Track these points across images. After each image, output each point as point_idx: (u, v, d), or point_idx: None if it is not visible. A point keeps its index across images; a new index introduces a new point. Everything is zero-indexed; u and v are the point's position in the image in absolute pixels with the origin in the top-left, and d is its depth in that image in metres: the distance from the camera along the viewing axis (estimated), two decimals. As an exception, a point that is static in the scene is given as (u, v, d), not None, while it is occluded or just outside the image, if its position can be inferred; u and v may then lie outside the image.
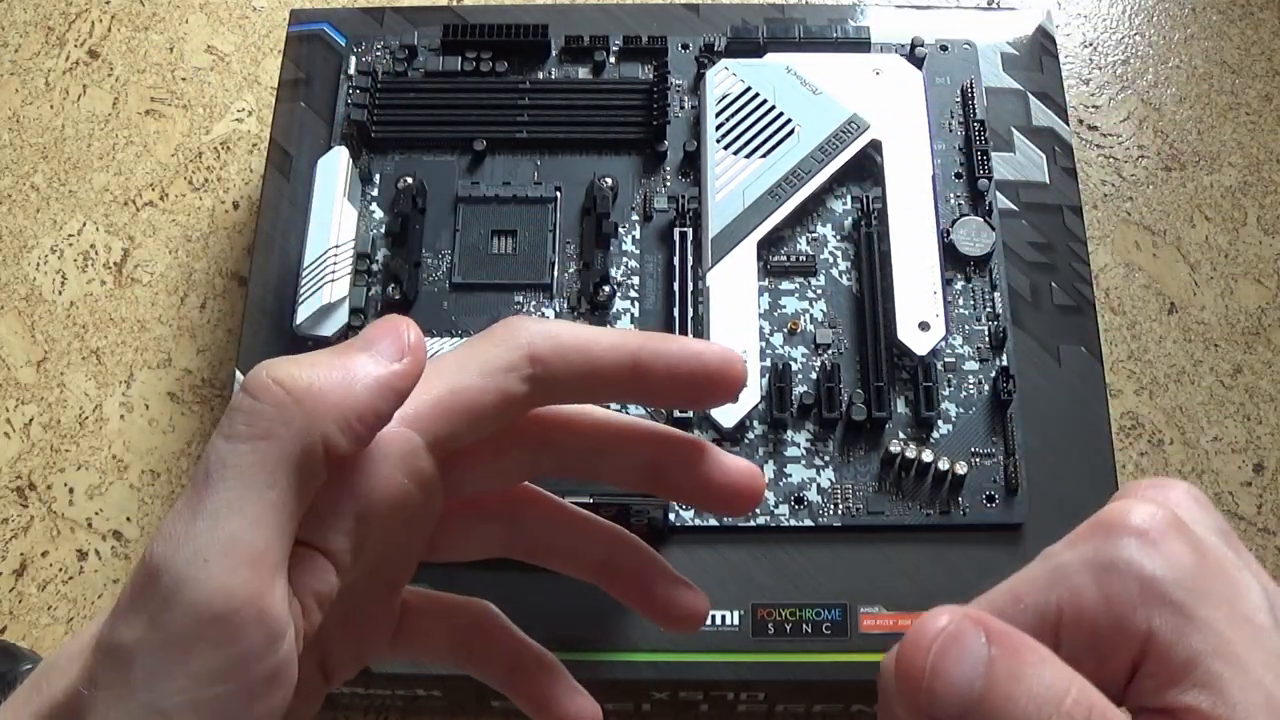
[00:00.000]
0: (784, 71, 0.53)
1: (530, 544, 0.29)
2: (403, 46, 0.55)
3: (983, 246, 0.50)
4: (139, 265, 0.60)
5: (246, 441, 0.21)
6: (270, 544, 0.21)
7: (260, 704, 0.21)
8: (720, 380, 0.26)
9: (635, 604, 0.29)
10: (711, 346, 0.26)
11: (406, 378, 0.23)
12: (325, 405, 0.22)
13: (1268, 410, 0.56)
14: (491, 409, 0.24)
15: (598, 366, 0.25)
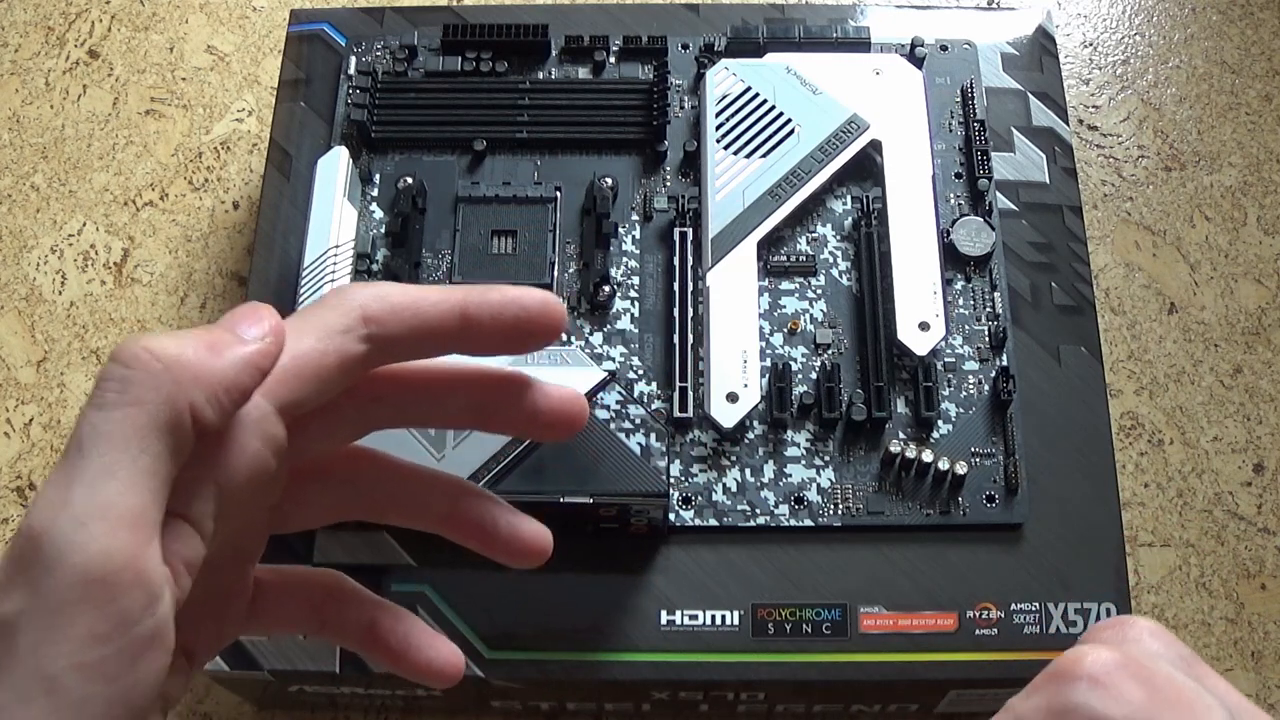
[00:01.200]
0: (784, 71, 0.53)
1: (371, 502, 0.30)
2: (403, 46, 0.55)
3: (983, 246, 0.50)
4: (139, 265, 0.60)
5: (118, 409, 0.22)
6: (145, 507, 0.22)
7: (143, 665, 0.22)
8: (541, 322, 0.28)
9: (480, 546, 0.30)
10: (531, 292, 0.28)
11: (268, 355, 0.24)
12: (193, 375, 0.23)
13: (1268, 410, 0.56)
14: (334, 371, 0.26)
15: (428, 320, 0.27)
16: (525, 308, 0.28)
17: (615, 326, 0.49)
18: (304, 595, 0.30)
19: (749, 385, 0.46)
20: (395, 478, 0.30)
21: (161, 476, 0.23)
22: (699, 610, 0.45)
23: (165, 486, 0.23)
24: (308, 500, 0.29)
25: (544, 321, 0.28)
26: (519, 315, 0.28)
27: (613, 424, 0.47)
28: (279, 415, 0.25)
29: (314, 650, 0.44)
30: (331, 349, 0.26)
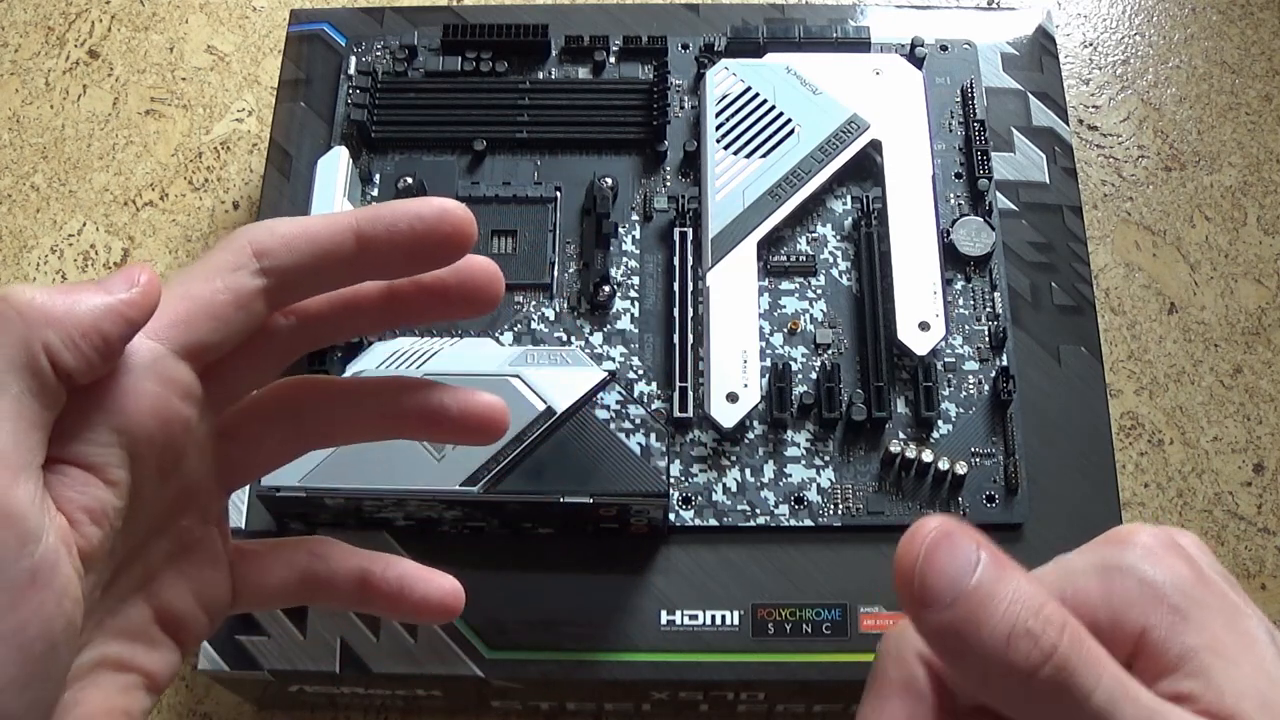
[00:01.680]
0: (784, 71, 0.53)
1: (318, 427, 0.29)
2: (403, 46, 0.55)
3: (983, 246, 0.50)
4: (139, 265, 0.60)
5: None
6: (8, 449, 0.22)
7: (26, 605, 0.22)
8: (441, 231, 0.27)
9: (436, 433, 0.29)
10: (428, 200, 0.27)
11: (133, 306, 0.24)
12: (45, 318, 0.23)
13: (1268, 410, 0.56)
14: (229, 308, 0.26)
15: (321, 245, 0.26)
16: (421, 217, 0.27)
17: (615, 326, 0.49)
18: (291, 562, 0.30)
19: (749, 385, 0.46)
20: (335, 395, 0.29)
21: (27, 418, 0.23)
22: (699, 610, 0.45)
23: (34, 429, 0.23)
24: (256, 443, 0.29)
25: (444, 230, 0.27)
26: (413, 225, 0.27)
27: (613, 424, 0.47)
28: (183, 359, 0.25)
29: (314, 650, 0.44)
30: (223, 286, 0.26)
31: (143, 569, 0.27)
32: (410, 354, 0.46)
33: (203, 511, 0.28)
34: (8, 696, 0.22)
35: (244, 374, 0.28)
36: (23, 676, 0.22)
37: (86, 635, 0.25)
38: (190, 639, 0.28)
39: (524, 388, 0.44)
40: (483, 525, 0.45)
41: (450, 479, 0.42)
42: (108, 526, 0.24)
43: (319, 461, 0.42)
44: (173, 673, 0.27)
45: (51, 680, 0.23)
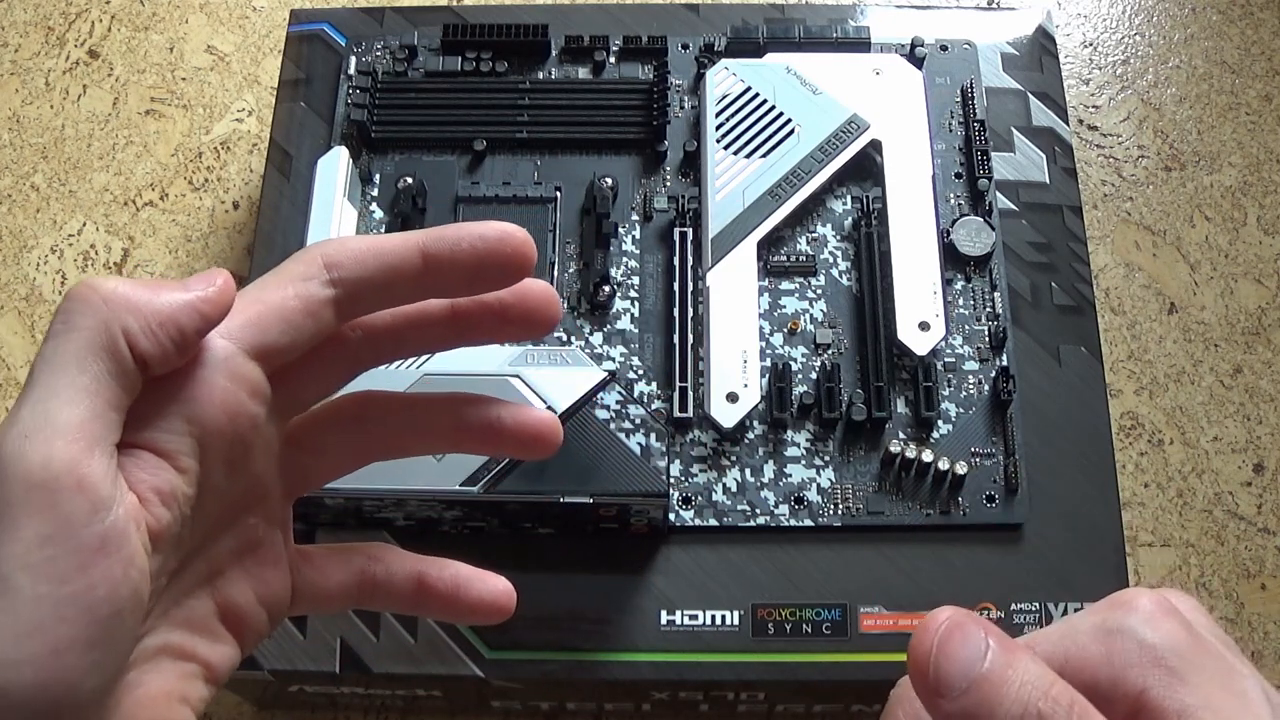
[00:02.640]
0: (784, 71, 0.53)
1: (383, 437, 0.31)
2: (403, 46, 0.55)
3: (983, 246, 0.50)
4: (139, 265, 0.60)
5: (58, 336, 0.24)
6: (85, 421, 0.23)
7: (96, 570, 0.23)
8: (501, 253, 0.28)
9: (494, 447, 0.31)
10: (490, 224, 0.29)
11: (209, 303, 0.26)
12: (126, 305, 0.24)
13: (1268, 410, 0.56)
14: (299, 314, 0.27)
15: (388, 261, 0.28)
16: (483, 238, 0.28)
17: (615, 326, 0.49)
18: (349, 565, 0.31)
19: (749, 385, 0.46)
20: (399, 408, 0.31)
21: (104, 397, 0.24)
22: (699, 610, 0.45)
23: (111, 408, 0.24)
24: (321, 451, 0.30)
25: (505, 251, 0.29)
26: (476, 247, 0.28)
27: (613, 424, 0.47)
28: (253, 359, 0.27)
29: (314, 650, 0.44)
30: (294, 294, 0.27)
31: (208, 563, 0.28)
32: (410, 354, 0.46)
33: (268, 513, 0.29)
34: (72, 656, 0.23)
35: (312, 383, 0.29)
36: (86, 637, 0.23)
37: (152, 622, 0.26)
38: (250, 636, 0.29)
39: (524, 388, 0.44)
40: (483, 525, 0.45)
41: (450, 479, 0.42)
42: (176, 510, 0.25)
43: (319, 461, 0.42)
44: (231, 667, 0.28)
45: (115, 648, 0.24)
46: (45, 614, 0.22)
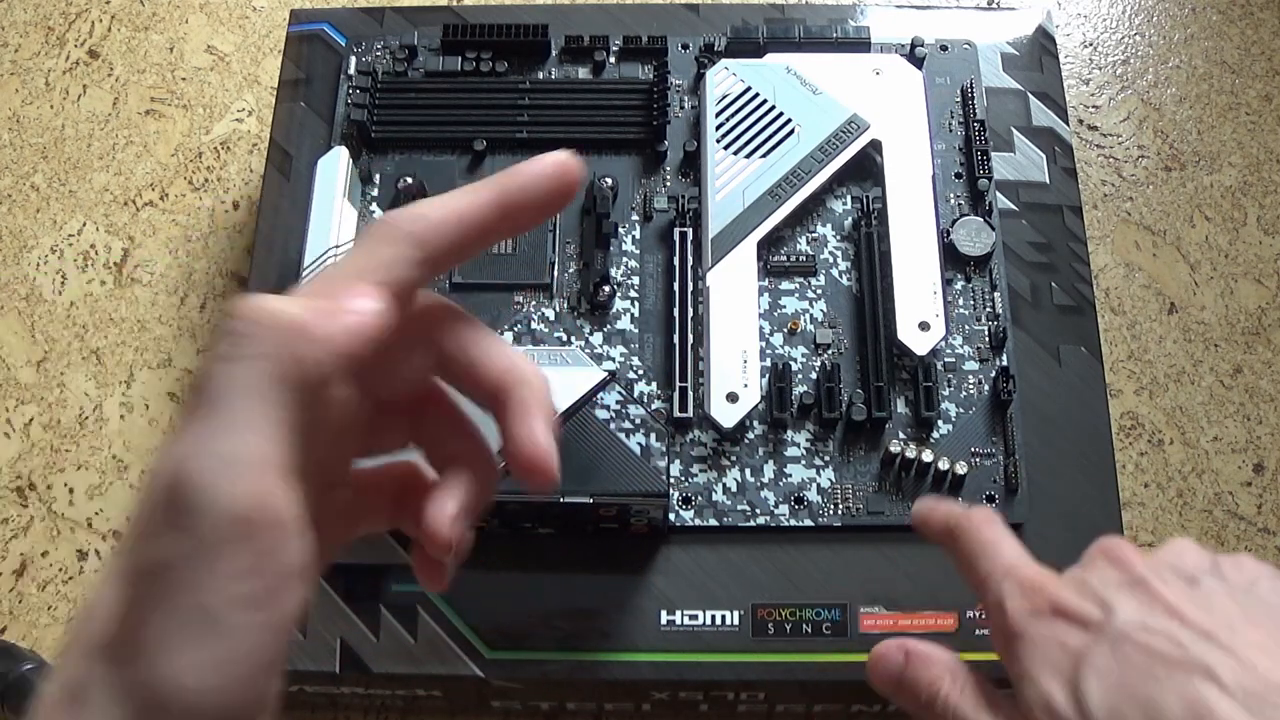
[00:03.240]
0: (784, 71, 0.53)
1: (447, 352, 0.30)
2: (403, 46, 0.55)
3: (983, 246, 0.50)
4: (139, 265, 0.60)
5: (243, 362, 0.24)
6: (277, 453, 0.24)
7: (287, 595, 0.24)
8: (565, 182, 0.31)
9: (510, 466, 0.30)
10: (547, 160, 0.31)
11: (371, 327, 0.26)
12: (302, 332, 0.25)
13: (1268, 410, 0.56)
14: (395, 303, 0.27)
15: (470, 225, 0.28)
16: (547, 176, 0.31)
17: (615, 326, 0.49)
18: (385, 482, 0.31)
19: (749, 385, 0.46)
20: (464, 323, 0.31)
21: (291, 426, 0.24)
22: (699, 610, 0.45)
23: (297, 436, 0.25)
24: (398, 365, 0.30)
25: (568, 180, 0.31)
26: (544, 186, 0.30)
27: (613, 424, 0.47)
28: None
29: (314, 650, 0.44)
30: (391, 281, 0.27)
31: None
32: (410, 354, 0.46)
33: (337, 480, 0.29)
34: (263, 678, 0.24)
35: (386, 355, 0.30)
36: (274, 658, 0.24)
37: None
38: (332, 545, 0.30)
39: (524, 388, 0.44)
40: (483, 525, 0.45)
41: (450, 479, 0.42)
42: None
43: (319, 461, 0.42)
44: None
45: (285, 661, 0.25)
46: (244, 641, 0.23)
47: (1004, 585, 0.33)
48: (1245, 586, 0.31)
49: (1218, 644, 0.29)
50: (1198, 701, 0.27)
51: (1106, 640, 0.30)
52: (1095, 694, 0.29)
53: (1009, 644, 0.32)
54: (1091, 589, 0.31)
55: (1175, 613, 0.30)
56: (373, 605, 0.45)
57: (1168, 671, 0.28)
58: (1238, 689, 0.27)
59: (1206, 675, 0.28)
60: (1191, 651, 0.29)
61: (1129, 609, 0.30)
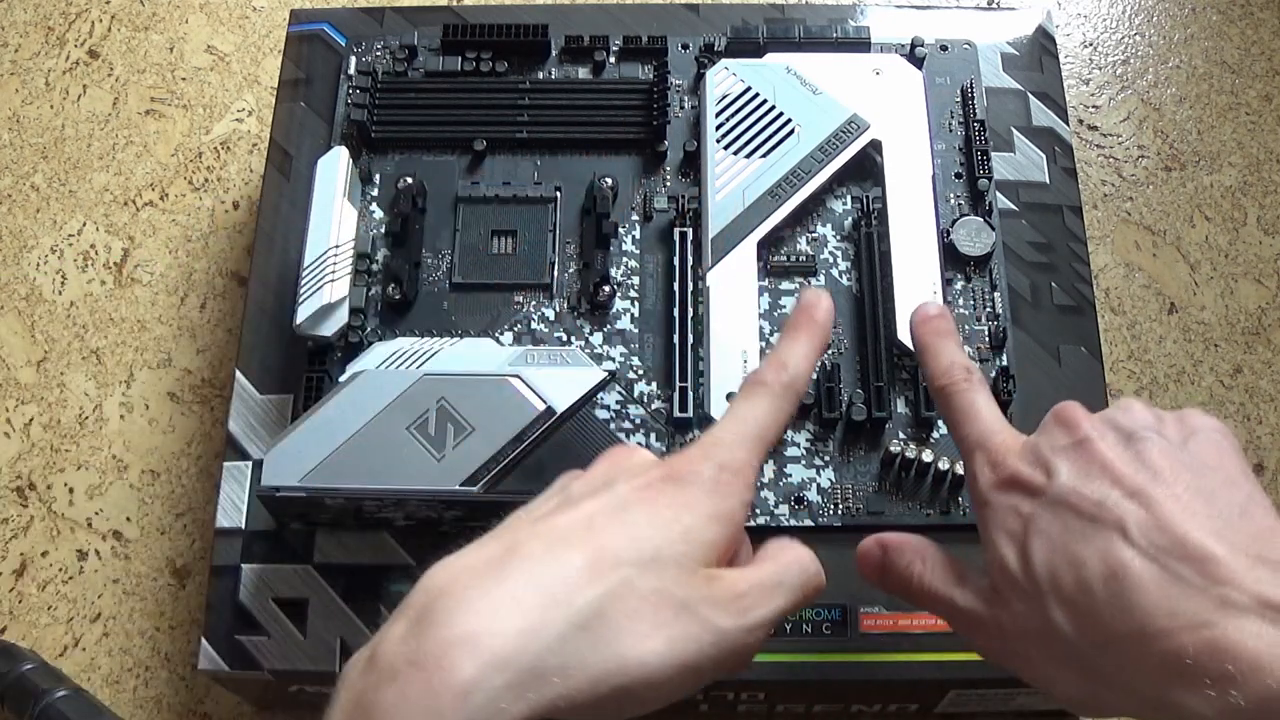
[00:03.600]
0: (784, 71, 0.53)
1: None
2: (403, 46, 0.55)
3: (983, 246, 0.50)
4: (139, 265, 0.60)
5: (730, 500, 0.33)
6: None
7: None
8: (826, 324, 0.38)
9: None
10: (804, 313, 0.38)
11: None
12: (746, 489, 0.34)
13: (1268, 410, 0.56)
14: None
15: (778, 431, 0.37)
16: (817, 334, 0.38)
17: (615, 326, 0.49)
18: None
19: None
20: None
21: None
22: (699, 610, 0.45)
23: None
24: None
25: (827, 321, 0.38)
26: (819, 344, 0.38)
27: (613, 424, 0.47)
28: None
29: (314, 650, 0.44)
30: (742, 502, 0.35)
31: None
32: (411, 354, 0.46)
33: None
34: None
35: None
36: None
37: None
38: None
39: (524, 388, 0.44)
40: (483, 525, 0.45)
41: (450, 479, 0.42)
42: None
43: (319, 461, 0.42)
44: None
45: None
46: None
47: (975, 458, 0.36)
48: (1180, 442, 0.33)
49: (1139, 500, 0.31)
50: (1111, 557, 0.30)
51: (1048, 504, 0.33)
52: (1039, 555, 0.32)
53: (980, 512, 0.35)
54: (1041, 455, 0.34)
55: (1108, 470, 0.32)
56: (373, 605, 0.45)
57: (1093, 530, 0.31)
58: (1147, 543, 0.30)
59: (1120, 531, 0.30)
60: (1112, 510, 0.31)
61: (1067, 471, 0.33)
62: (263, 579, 0.45)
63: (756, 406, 0.35)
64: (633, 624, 0.29)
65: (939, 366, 0.39)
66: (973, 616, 0.34)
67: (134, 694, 0.51)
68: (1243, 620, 0.28)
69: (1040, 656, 0.32)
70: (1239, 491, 0.31)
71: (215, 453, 0.55)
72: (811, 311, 0.38)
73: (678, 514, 0.32)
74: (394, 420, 0.43)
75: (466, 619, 0.28)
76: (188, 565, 0.53)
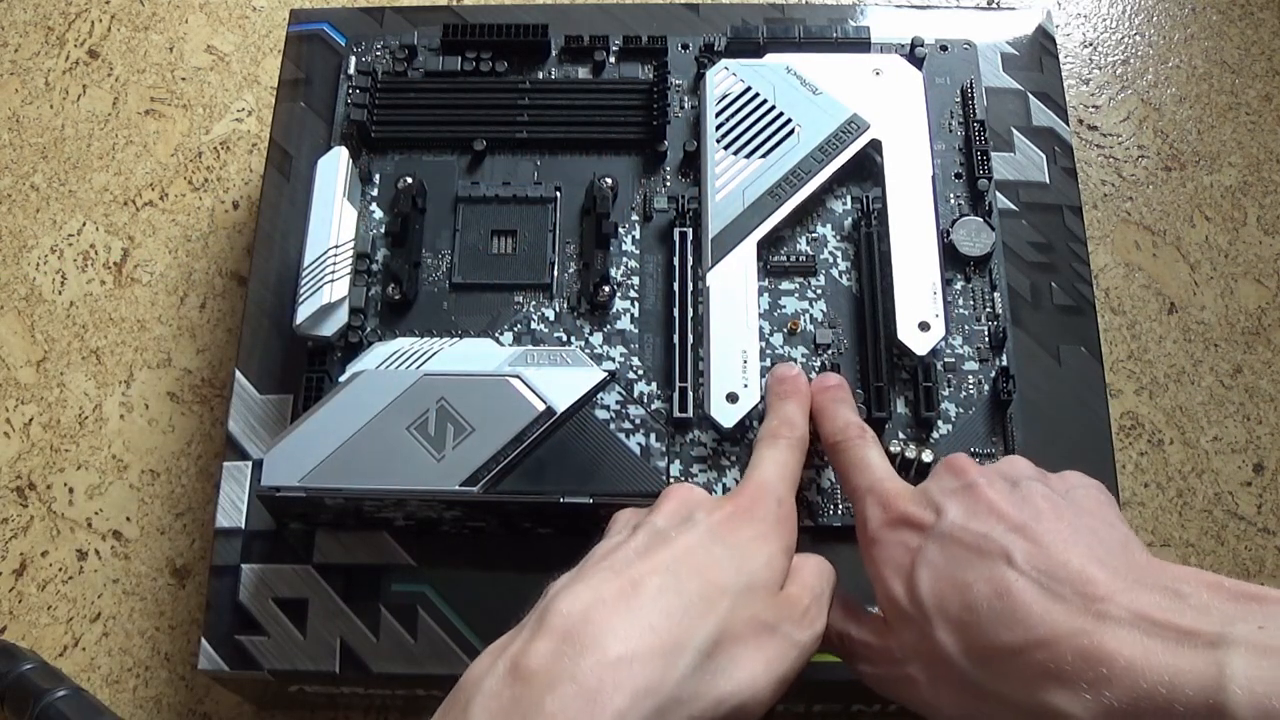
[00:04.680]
0: (784, 71, 0.53)
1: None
2: (403, 46, 0.55)
3: (982, 246, 0.50)
4: (139, 265, 0.60)
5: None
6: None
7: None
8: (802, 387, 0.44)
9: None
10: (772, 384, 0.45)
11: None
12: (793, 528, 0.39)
13: (1268, 410, 0.56)
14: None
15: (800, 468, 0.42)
16: (795, 395, 0.44)
17: (615, 326, 0.49)
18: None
19: (749, 385, 0.46)
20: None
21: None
22: (699, 610, 0.45)
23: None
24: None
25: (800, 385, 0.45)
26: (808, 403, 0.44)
27: (613, 424, 0.47)
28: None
29: (314, 650, 0.44)
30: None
31: None
32: (410, 354, 0.46)
33: None
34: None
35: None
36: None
37: None
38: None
39: (524, 388, 0.44)
40: (483, 525, 0.45)
41: (450, 479, 0.42)
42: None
43: (319, 461, 0.42)
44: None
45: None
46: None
47: (867, 500, 0.39)
48: (1063, 491, 0.36)
49: (1023, 534, 0.33)
50: (996, 580, 0.33)
51: (936, 539, 0.35)
52: (925, 584, 0.34)
53: (868, 551, 0.38)
54: (931, 497, 0.37)
55: (994, 510, 0.35)
56: (373, 605, 0.45)
57: (979, 559, 0.33)
58: (1030, 567, 0.32)
59: (1005, 559, 0.33)
60: (997, 541, 0.33)
61: (955, 511, 0.35)
62: (263, 579, 0.45)
63: (785, 453, 0.40)
64: (739, 649, 0.33)
65: (835, 426, 0.43)
66: (864, 646, 0.37)
67: (134, 694, 0.51)
68: (1118, 629, 0.30)
69: (924, 678, 0.34)
70: (1117, 532, 0.34)
71: (215, 453, 0.55)
72: (793, 381, 0.44)
73: (760, 546, 0.36)
74: (394, 420, 0.43)
75: (615, 645, 0.31)
76: (188, 565, 0.53)
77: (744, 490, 0.38)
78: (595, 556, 0.35)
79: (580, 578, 0.33)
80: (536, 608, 0.33)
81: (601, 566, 0.34)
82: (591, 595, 0.32)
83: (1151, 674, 0.29)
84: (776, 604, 0.35)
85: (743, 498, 0.38)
